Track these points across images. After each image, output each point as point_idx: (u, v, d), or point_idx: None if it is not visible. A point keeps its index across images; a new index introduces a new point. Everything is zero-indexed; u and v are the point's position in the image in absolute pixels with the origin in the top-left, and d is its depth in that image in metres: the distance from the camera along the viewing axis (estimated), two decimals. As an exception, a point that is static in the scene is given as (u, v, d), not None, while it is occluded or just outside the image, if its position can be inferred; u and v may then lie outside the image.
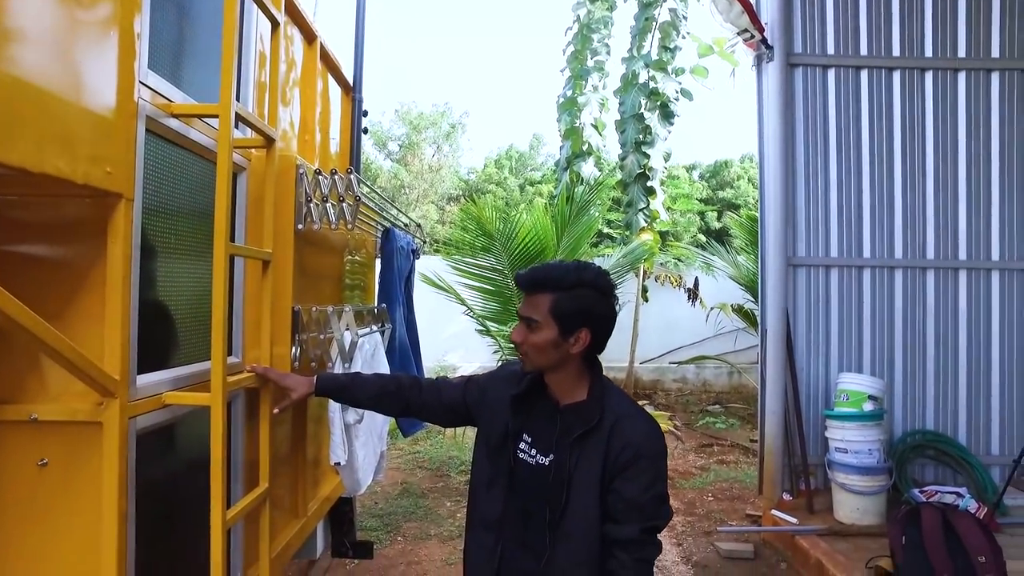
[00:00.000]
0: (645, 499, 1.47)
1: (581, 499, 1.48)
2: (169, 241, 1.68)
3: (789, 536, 4.08)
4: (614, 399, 1.54)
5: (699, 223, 16.19)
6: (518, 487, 1.57)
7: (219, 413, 1.57)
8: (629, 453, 1.46)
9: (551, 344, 1.49)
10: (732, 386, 10.11)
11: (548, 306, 1.48)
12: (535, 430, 1.58)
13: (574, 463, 1.49)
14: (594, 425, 1.48)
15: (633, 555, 1.47)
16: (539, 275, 1.51)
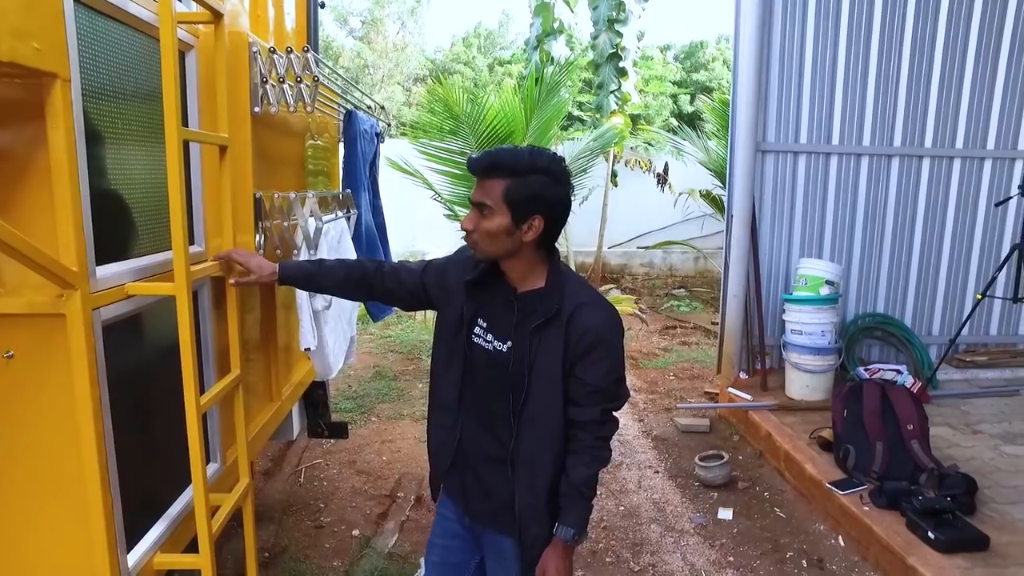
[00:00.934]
0: (606, 383, 1.53)
1: (544, 386, 1.52)
2: (118, 126, 1.59)
3: (743, 412, 4.36)
4: (573, 287, 1.55)
5: (672, 106, 15.85)
6: (474, 371, 1.60)
7: (185, 302, 1.56)
8: (589, 339, 1.49)
9: (503, 231, 1.47)
10: (698, 271, 10.36)
11: (501, 191, 1.45)
12: (491, 315, 1.58)
13: (535, 351, 1.51)
14: (554, 314, 1.49)
15: (594, 434, 1.56)
16: (492, 159, 1.47)
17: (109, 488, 1.48)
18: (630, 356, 6.38)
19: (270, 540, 3.12)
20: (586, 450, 1.56)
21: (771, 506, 3.49)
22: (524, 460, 1.56)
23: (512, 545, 1.62)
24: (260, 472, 3.85)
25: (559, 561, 1.56)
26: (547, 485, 1.56)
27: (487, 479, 1.63)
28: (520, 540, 1.60)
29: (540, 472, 1.56)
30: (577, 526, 1.56)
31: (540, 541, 1.58)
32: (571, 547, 1.58)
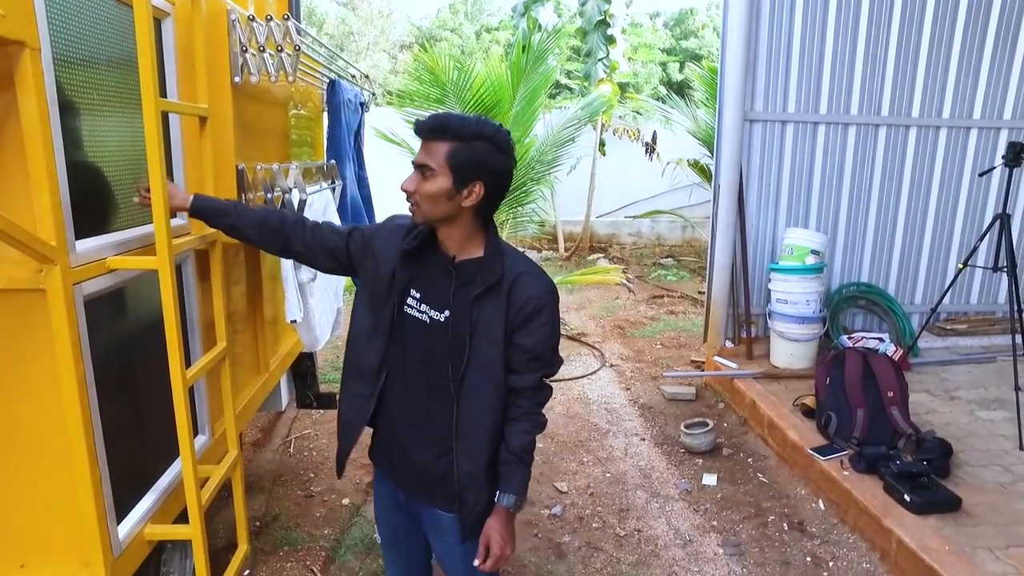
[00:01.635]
0: (545, 349, 1.56)
1: (485, 354, 1.52)
2: (95, 97, 1.56)
3: (728, 380, 4.42)
4: (511, 256, 1.56)
5: (661, 75, 15.69)
6: (404, 342, 1.57)
7: (168, 275, 1.55)
8: (531, 306, 1.51)
9: (444, 194, 1.45)
10: (685, 240, 10.40)
11: (445, 154, 1.44)
12: (425, 285, 1.56)
13: (475, 319, 1.51)
14: (496, 281, 1.50)
15: (532, 400, 1.58)
16: (439, 122, 1.46)
17: (96, 461, 1.49)
18: (617, 326, 6.43)
19: (261, 509, 3.16)
20: (525, 417, 1.57)
21: (754, 472, 3.57)
22: (464, 429, 1.56)
23: (451, 521, 1.61)
24: (250, 443, 3.88)
25: (502, 528, 1.56)
26: (487, 452, 1.56)
27: (417, 452, 1.60)
28: (459, 509, 1.59)
29: (480, 439, 1.56)
30: (519, 492, 1.57)
31: (479, 509, 1.58)
32: (513, 513, 1.59)
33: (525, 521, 3.12)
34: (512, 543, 1.58)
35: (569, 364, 5.37)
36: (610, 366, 5.32)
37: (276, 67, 2.01)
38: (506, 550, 1.56)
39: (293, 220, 1.69)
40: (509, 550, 1.56)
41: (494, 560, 1.55)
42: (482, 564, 1.55)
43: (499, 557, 1.55)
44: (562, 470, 3.62)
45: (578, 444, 3.94)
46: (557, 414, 4.37)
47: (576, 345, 5.87)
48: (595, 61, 8.36)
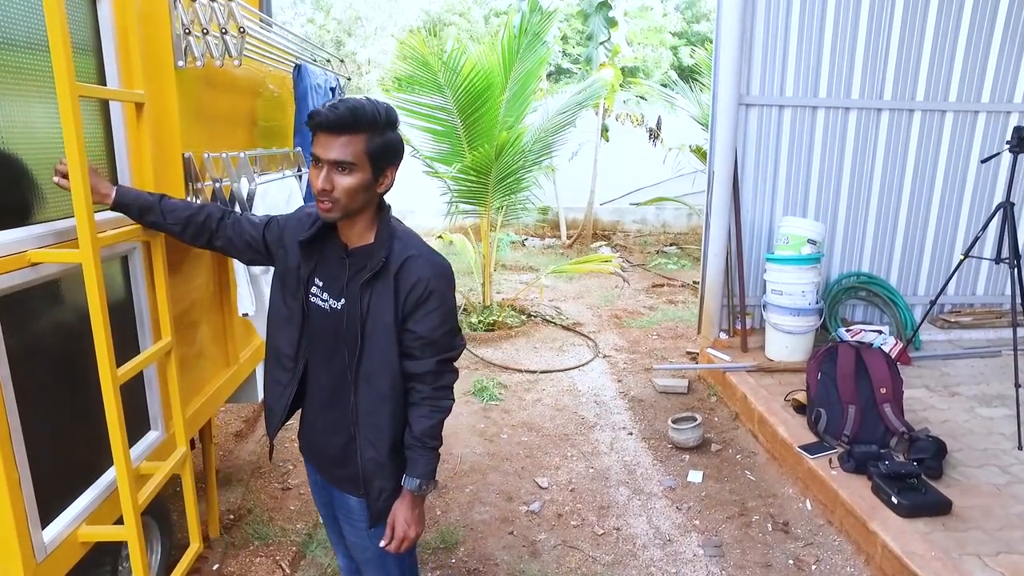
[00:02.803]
0: (438, 335, 1.55)
1: (377, 341, 1.53)
2: (12, 82, 1.48)
3: (721, 373, 4.32)
4: (402, 240, 1.54)
5: (672, 59, 15.44)
6: (313, 331, 1.60)
7: (92, 270, 1.48)
8: (418, 292, 1.51)
9: (364, 187, 1.46)
10: (691, 228, 10.24)
11: (364, 147, 1.42)
12: (326, 274, 1.58)
13: (366, 306, 1.51)
14: (381, 268, 1.50)
15: (431, 385, 1.57)
16: (355, 115, 1.40)
17: (13, 462, 1.42)
18: (614, 315, 6.33)
19: (236, 502, 3.12)
20: (425, 402, 1.57)
21: (742, 469, 3.48)
22: (365, 415, 1.57)
23: (359, 505, 1.64)
24: (231, 434, 3.84)
25: (407, 511, 1.59)
26: (389, 439, 1.58)
27: (326, 438, 1.65)
28: (366, 495, 1.61)
29: (380, 426, 1.57)
30: (423, 476, 1.58)
31: (386, 494, 1.61)
32: (419, 497, 1.60)
33: (501, 518, 3.05)
34: (418, 525, 1.61)
35: (561, 354, 5.29)
36: (603, 357, 5.23)
37: (220, 51, 1.92)
38: (410, 532, 1.59)
39: (218, 215, 1.71)
40: (413, 532, 1.60)
41: (398, 542, 1.59)
42: (387, 545, 1.59)
43: (403, 539, 1.59)
44: (544, 465, 3.55)
45: (563, 438, 3.87)
46: (545, 406, 4.30)
47: (570, 335, 5.79)
48: (596, 44, 8.18)
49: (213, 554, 2.72)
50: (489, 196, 5.74)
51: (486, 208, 5.86)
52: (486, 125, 5.50)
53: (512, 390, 4.58)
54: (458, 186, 5.75)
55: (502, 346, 5.47)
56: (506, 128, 5.43)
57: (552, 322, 6.10)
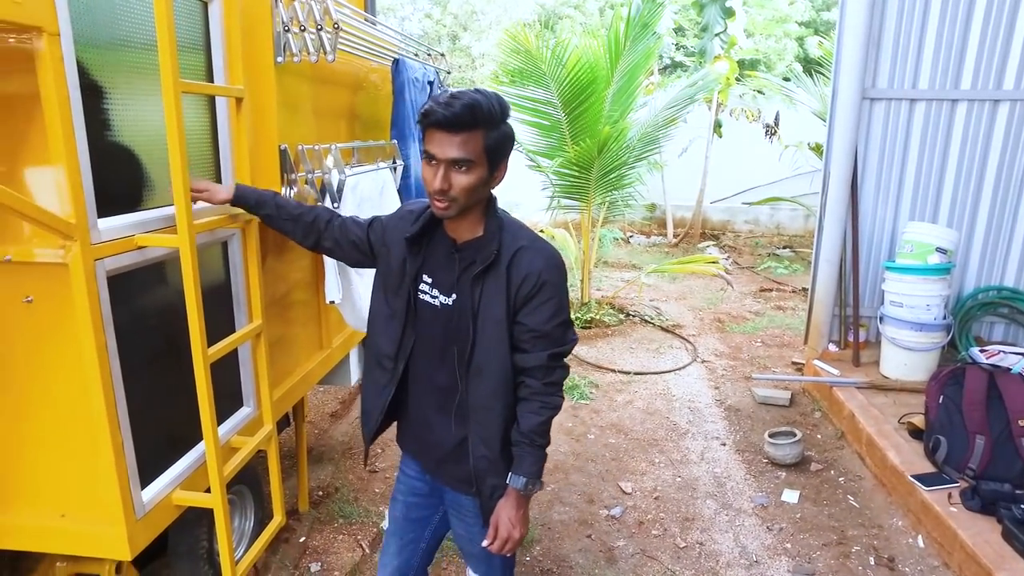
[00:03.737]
0: (550, 327, 1.50)
1: (489, 335, 1.49)
2: (126, 79, 1.60)
3: (827, 387, 4.01)
4: (511, 232, 1.50)
5: (797, 50, 14.52)
6: (421, 328, 1.57)
7: (188, 254, 1.58)
8: (530, 284, 1.46)
9: (482, 183, 1.42)
10: (807, 230, 9.62)
11: (482, 144, 1.38)
12: (435, 270, 1.55)
13: (477, 300, 1.48)
14: (492, 261, 1.46)
15: (542, 380, 1.52)
16: (472, 112, 1.36)
17: (119, 429, 1.56)
18: (717, 319, 6.06)
19: (326, 480, 3.27)
20: (535, 397, 1.53)
21: (845, 493, 3.21)
22: (475, 412, 1.54)
23: (472, 503, 1.62)
24: (327, 413, 4.04)
25: (512, 511, 1.54)
26: (500, 436, 1.54)
27: (438, 435, 1.61)
28: (478, 493, 1.58)
29: (492, 423, 1.54)
30: (530, 475, 1.54)
31: (498, 492, 1.57)
32: (525, 496, 1.56)
33: (580, 520, 3.00)
34: (523, 526, 1.56)
35: (657, 357, 5.13)
36: (701, 362, 5.02)
37: (316, 46, 2.00)
38: (514, 533, 1.54)
39: (326, 217, 1.77)
40: (518, 533, 1.55)
41: (501, 543, 1.55)
42: (490, 545, 1.56)
43: (507, 540, 1.54)
44: (630, 469, 3.46)
45: (652, 443, 3.75)
46: (636, 409, 4.19)
47: (668, 337, 5.60)
48: (711, 36, 7.82)
49: (301, 527, 2.87)
50: (591, 192, 5.65)
51: (587, 204, 5.78)
52: (590, 119, 5.42)
53: (603, 390, 4.50)
54: (560, 181, 5.71)
55: (597, 344, 5.39)
56: (610, 123, 5.32)
57: (651, 322, 5.93)
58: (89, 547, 1.64)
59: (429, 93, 3.03)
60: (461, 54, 19.07)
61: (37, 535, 1.65)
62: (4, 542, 1.68)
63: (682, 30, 13.64)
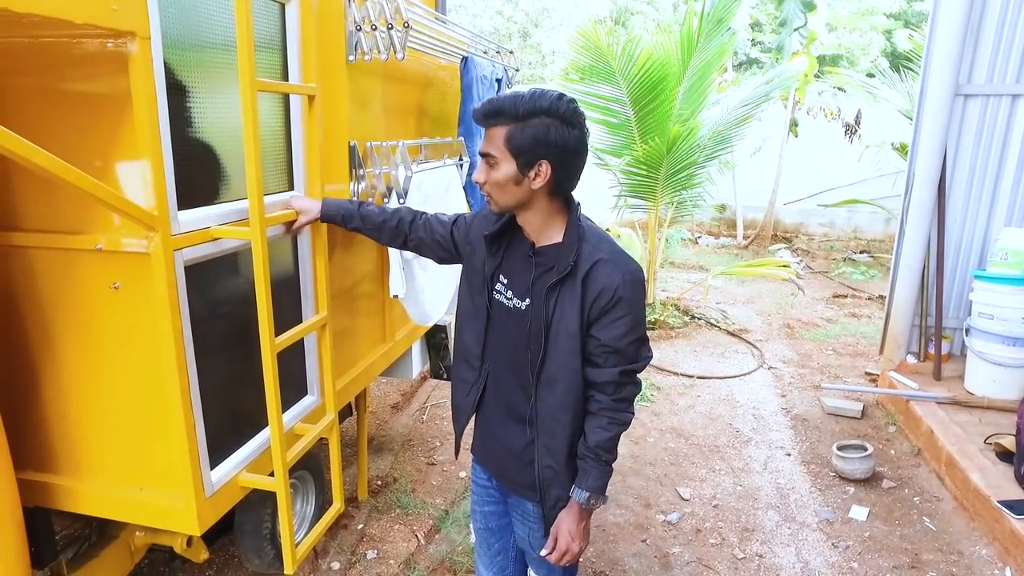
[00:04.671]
0: (623, 344, 1.47)
1: (561, 346, 1.48)
2: (208, 79, 1.68)
3: (904, 400, 3.81)
4: (592, 242, 1.47)
5: (885, 44, 13.81)
6: (496, 329, 1.58)
7: (259, 245, 1.64)
8: (605, 299, 1.43)
9: (511, 180, 1.41)
10: (887, 235, 9.14)
11: (503, 139, 1.39)
12: (511, 271, 1.55)
13: (551, 310, 1.47)
14: (569, 271, 1.44)
15: (612, 396, 1.50)
16: (493, 106, 1.39)
17: (191, 411, 1.64)
18: (786, 324, 5.84)
19: (385, 470, 3.35)
20: (604, 412, 1.51)
21: (920, 514, 3.04)
22: (543, 421, 1.54)
23: (535, 510, 1.62)
24: (389, 405, 4.13)
25: (573, 523, 1.53)
26: (566, 447, 1.53)
27: (507, 439, 1.61)
28: (541, 502, 1.58)
29: (559, 434, 1.53)
30: (593, 489, 1.53)
31: (562, 503, 1.56)
32: (587, 510, 1.55)
33: (636, 524, 2.96)
34: (583, 539, 1.55)
35: (722, 361, 5.00)
36: (768, 368, 4.85)
37: (386, 45, 2.04)
38: (573, 546, 1.53)
39: (409, 219, 1.82)
40: (577, 546, 1.54)
41: (560, 554, 1.54)
42: (548, 555, 1.56)
43: (565, 551, 1.54)
44: (689, 475, 3.38)
45: (713, 449, 3.66)
46: (697, 413, 4.10)
47: (734, 341, 5.45)
48: (790, 31, 7.51)
49: (359, 515, 2.95)
50: (658, 191, 5.55)
51: (655, 203, 5.68)
52: (659, 117, 5.32)
53: (665, 393, 4.42)
54: (627, 179, 5.63)
55: (660, 346, 5.29)
56: (681, 121, 5.20)
57: (716, 326, 5.78)
58: (163, 520, 1.74)
59: (497, 90, 3.05)
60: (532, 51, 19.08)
61: (118, 505, 1.76)
62: (90, 508, 1.80)
63: (758, 25, 13.19)
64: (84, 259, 1.60)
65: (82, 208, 1.57)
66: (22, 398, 1.75)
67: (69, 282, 1.64)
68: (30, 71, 1.51)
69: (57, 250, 1.61)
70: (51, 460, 1.80)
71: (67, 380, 1.72)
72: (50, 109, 1.53)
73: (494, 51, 3.23)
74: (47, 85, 1.52)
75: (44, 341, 1.71)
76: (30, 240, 1.63)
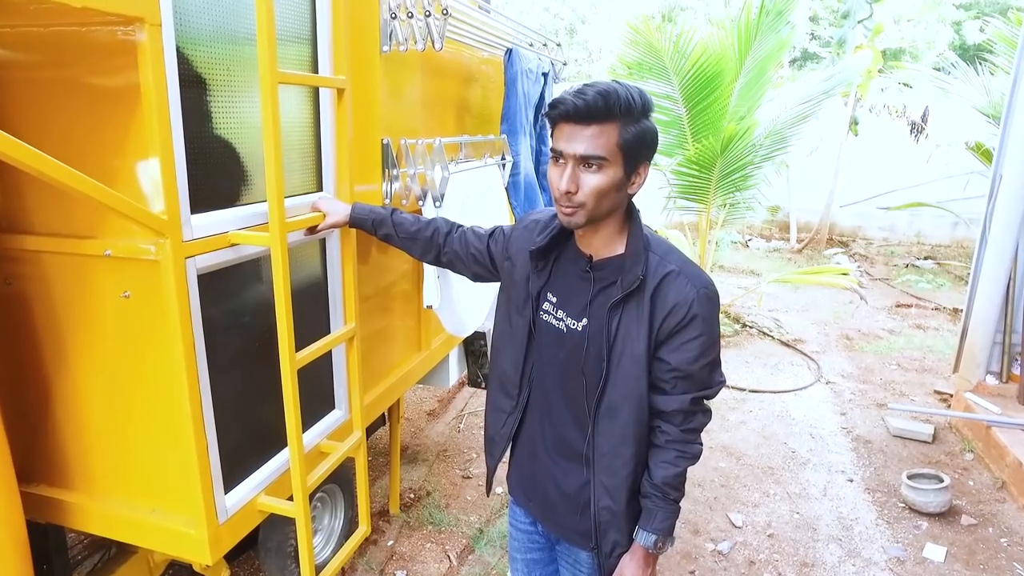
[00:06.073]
0: (696, 368, 1.28)
1: (625, 371, 1.29)
2: (231, 71, 1.55)
3: (983, 426, 3.48)
4: (659, 252, 1.29)
5: (954, 37, 13.09)
6: (542, 352, 1.39)
7: (279, 253, 1.51)
8: (678, 317, 1.25)
9: (615, 186, 1.23)
10: (955, 240, 8.62)
11: (617, 139, 1.19)
12: (562, 289, 1.36)
13: (614, 331, 1.28)
14: (636, 287, 1.25)
15: (680, 426, 1.32)
16: (607, 100, 1.17)
17: (203, 431, 1.51)
18: (845, 335, 5.50)
19: (419, 482, 3.21)
20: (672, 445, 1.33)
21: (1009, 559, 2.73)
22: (601, 456, 1.35)
23: (589, 559, 1.44)
24: (425, 411, 4.00)
25: (637, 570, 1.36)
26: (627, 486, 1.35)
27: (557, 479, 1.43)
28: (597, 549, 1.40)
29: (620, 471, 1.34)
30: (660, 531, 1.35)
31: (620, 549, 1.39)
32: (654, 555, 1.38)
33: (683, 552, 2.75)
34: None
35: (776, 373, 4.71)
36: (826, 383, 4.55)
37: (423, 34, 1.87)
38: None
39: (444, 231, 1.66)
40: None
41: None
42: None
43: None
44: (741, 500, 3.15)
45: (767, 471, 3.40)
46: (750, 431, 3.84)
47: (788, 352, 5.14)
48: (853, 24, 7.08)
49: (390, 530, 2.81)
50: (711, 192, 5.28)
51: (706, 205, 5.41)
52: (713, 115, 5.05)
53: (715, 406, 4.09)
54: (678, 180, 5.38)
55: (707, 356, 5.03)
56: (736, 119, 4.93)
57: (769, 335, 5.48)
58: (174, 546, 1.62)
59: (544, 85, 2.87)
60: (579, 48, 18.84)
61: (130, 526, 1.65)
62: (101, 528, 1.70)
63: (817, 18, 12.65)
64: (94, 265, 1.49)
65: (92, 211, 1.45)
66: (35, 408, 1.65)
67: (80, 289, 1.53)
68: (36, 64, 1.41)
69: (68, 255, 1.50)
70: (64, 475, 1.70)
71: (79, 392, 1.61)
72: (58, 104, 1.42)
73: (540, 44, 3.05)
74: (54, 78, 1.40)
75: (57, 350, 1.61)
76: (41, 244, 1.52)
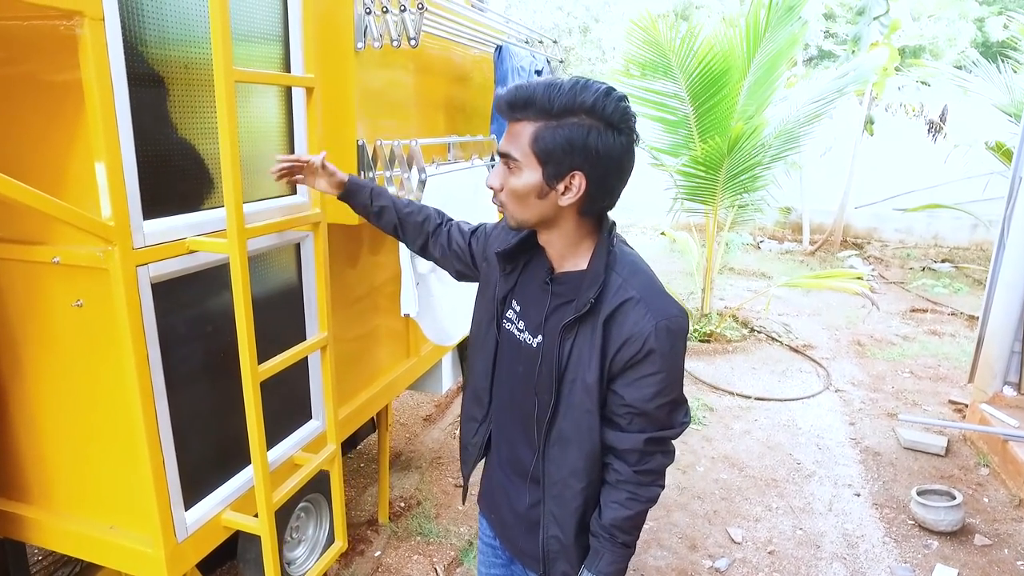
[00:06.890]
0: (651, 407, 1.16)
1: (576, 401, 1.19)
2: (192, 68, 1.47)
3: (999, 439, 3.33)
4: (623, 275, 1.16)
5: (976, 34, 12.79)
6: (505, 363, 1.31)
7: (238, 261, 1.43)
8: (632, 350, 1.13)
9: (533, 192, 1.12)
10: (973, 243, 8.41)
11: (529, 138, 1.08)
12: (525, 299, 1.27)
13: (566, 354, 1.17)
14: (588, 309, 1.14)
15: (634, 466, 1.20)
16: (521, 94, 1.08)
17: (159, 446, 1.45)
18: (856, 341, 5.35)
19: (410, 490, 3.13)
20: (623, 485, 1.21)
21: (1020, 578, 2.61)
22: (552, 484, 1.26)
23: None
24: (421, 416, 3.92)
25: None
26: (576, 519, 1.25)
27: (508, 494, 1.36)
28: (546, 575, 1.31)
29: (570, 502, 1.24)
30: (606, 574, 1.24)
31: None
32: None
33: (679, 569, 2.65)
34: None
35: (783, 380, 4.58)
36: (835, 390, 4.41)
37: (399, 30, 1.79)
38: None
39: (435, 220, 1.55)
40: None
41: None
42: None
43: None
44: (742, 513, 3.04)
45: (770, 483, 3.29)
46: (754, 440, 3.72)
47: (797, 358, 5.01)
48: (869, 20, 6.91)
49: (377, 540, 2.74)
50: (718, 194, 5.16)
51: (713, 206, 5.29)
52: (720, 115, 4.92)
53: (719, 415, 4.05)
54: (684, 181, 5.26)
55: (715, 361, 4.91)
56: (744, 119, 4.80)
57: (778, 340, 5.34)
58: (131, 565, 1.55)
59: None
60: (592, 47, 18.68)
61: (88, 543, 1.59)
62: (59, 545, 1.64)
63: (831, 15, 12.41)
64: (45, 273, 1.42)
65: (40, 216, 1.38)
66: (-8, 419, 1.59)
67: (32, 298, 1.47)
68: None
69: (18, 262, 1.44)
70: (21, 489, 1.64)
71: (35, 404, 1.55)
72: (2, 104, 1.35)
73: (536, 40, 2.95)
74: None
75: (11, 360, 1.54)
76: (-9, 251, 1.46)
